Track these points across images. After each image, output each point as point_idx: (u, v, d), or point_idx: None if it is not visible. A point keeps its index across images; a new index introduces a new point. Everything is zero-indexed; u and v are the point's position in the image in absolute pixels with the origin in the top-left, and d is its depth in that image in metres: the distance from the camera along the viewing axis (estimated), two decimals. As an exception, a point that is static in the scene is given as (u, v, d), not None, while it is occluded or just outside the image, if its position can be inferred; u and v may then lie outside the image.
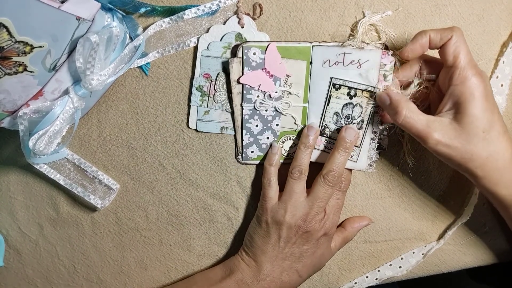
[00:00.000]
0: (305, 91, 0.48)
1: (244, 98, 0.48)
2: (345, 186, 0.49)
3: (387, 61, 0.46)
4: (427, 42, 0.42)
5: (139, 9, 0.46)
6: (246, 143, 0.50)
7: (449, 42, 0.41)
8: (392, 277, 0.54)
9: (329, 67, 0.47)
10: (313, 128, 0.48)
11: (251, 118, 0.49)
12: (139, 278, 0.55)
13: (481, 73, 0.42)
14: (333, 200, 0.48)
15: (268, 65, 0.47)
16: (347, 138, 0.47)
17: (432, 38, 0.42)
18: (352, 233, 0.52)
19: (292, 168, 0.48)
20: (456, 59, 0.41)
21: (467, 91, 0.41)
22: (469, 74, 0.41)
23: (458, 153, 0.41)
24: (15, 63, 0.38)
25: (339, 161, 0.46)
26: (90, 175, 0.52)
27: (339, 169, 0.46)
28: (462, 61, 0.41)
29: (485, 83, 0.41)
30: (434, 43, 0.42)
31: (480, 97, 0.40)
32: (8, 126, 0.43)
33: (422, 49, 0.43)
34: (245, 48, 0.46)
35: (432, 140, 0.41)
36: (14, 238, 0.54)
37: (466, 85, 0.41)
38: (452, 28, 0.42)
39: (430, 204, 0.52)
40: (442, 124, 0.42)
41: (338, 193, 0.49)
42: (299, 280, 0.50)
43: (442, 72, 0.44)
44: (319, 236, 0.48)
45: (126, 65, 0.46)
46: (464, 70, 0.41)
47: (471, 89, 0.40)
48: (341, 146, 0.47)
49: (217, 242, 0.54)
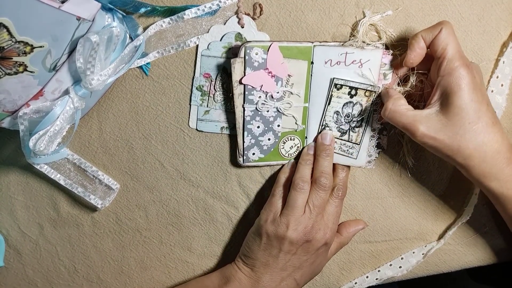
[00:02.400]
0: (306, 91, 0.48)
1: (246, 99, 0.47)
2: (343, 193, 0.49)
3: (387, 60, 0.47)
4: (423, 43, 0.43)
5: (139, 9, 0.46)
6: (247, 145, 0.49)
7: (439, 35, 0.42)
8: (392, 277, 0.54)
9: (330, 67, 0.47)
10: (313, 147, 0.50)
11: (252, 119, 0.48)
12: (139, 278, 0.55)
13: (469, 64, 0.42)
14: (331, 207, 0.48)
15: (270, 65, 0.46)
16: (325, 142, 0.48)
17: (424, 37, 0.43)
18: (348, 238, 0.52)
19: (295, 180, 0.48)
20: (444, 50, 0.41)
21: (453, 81, 0.41)
22: (456, 65, 0.41)
23: (445, 145, 0.41)
24: (15, 63, 0.38)
25: (324, 164, 0.48)
26: (90, 175, 0.52)
27: (327, 171, 0.48)
28: (449, 52, 0.41)
29: (472, 74, 0.41)
30: (428, 40, 0.43)
31: (466, 88, 0.40)
32: (8, 126, 0.43)
33: (422, 51, 0.43)
34: (247, 48, 0.45)
35: (418, 132, 0.42)
36: (14, 238, 0.54)
37: (453, 75, 0.41)
38: (441, 22, 0.42)
39: (430, 204, 0.53)
40: (428, 117, 0.42)
41: (336, 201, 0.48)
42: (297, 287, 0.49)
43: (433, 65, 0.44)
44: (319, 246, 0.48)
45: (126, 65, 0.46)
46: (451, 61, 0.41)
47: (458, 79, 0.40)
48: (322, 151, 0.48)
49: (217, 242, 0.54)
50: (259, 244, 0.48)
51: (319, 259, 0.49)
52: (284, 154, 0.50)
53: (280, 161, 0.51)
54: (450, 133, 0.41)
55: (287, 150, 0.50)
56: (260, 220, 0.49)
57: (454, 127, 0.41)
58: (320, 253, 0.49)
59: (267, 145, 0.50)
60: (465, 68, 0.41)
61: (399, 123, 0.43)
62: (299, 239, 0.46)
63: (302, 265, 0.48)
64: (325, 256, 0.50)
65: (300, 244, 0.47)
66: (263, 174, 0.52)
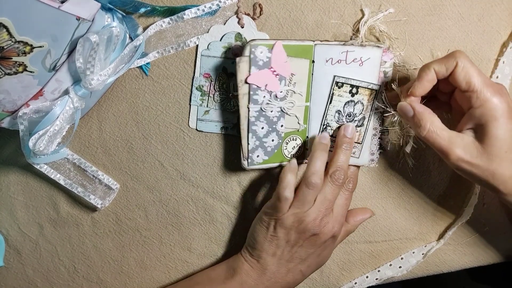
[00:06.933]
0: (308, 90, 0.48)
1: (251, 99, 0.46)
2: (353, 186, 0.48)
3: (387, 58, 0.47)
4: (433, 76, 0.42)
5: (139, 9, 0.46)
6: (252, 147, 0.48)
7: (456, 70, 0.41)
8: (392, 277, 0.54)
9: (331, 65, 0.47)
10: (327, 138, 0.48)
11: (257, 120, 0.47)
12: (139, 278, 0.55)
13: (500, 90, 0.40)
14: (341, 199, 0.48)
15: (275, 63, 0.46)
16: (347, 135, 0.47)
17: (437, 70, 0.41)
18: (355, 226, 0.51)
19: (308, 176, 0.45)
20: (470, 84, 0.40)
21: (488, 113, 0.40)
22: (488, 96, 0.40)
23: (480, 171, 0.41)
24: (15, 63, 0.38)
25: (342, 159, 0.46)
26: (90, 175, 0.52)
27: (344, 167, 0.46)
28: (476, 85, 0.40)
29: (506, 101, 0.40)
30: (441, 74, 0.42)
31: (502, 117, 0.40)
32: (8, 126, 0.43)
33: (431, 84, 0.42)
34: (252, 46, 0.45)
35: (454, 156, 0.41)
36: (14, 238, 0.54)
37: (487, 107, 0.40)
38: (454, 53, 0.41)
39: (430, 204, 0.53)
40: (464, 141, 0.41)
41: (346, 193, 0.48)
42: (302, 278, 0.49)
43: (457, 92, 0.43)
44: (327, 239, 0.47)
45: (126, 65, 0.46)
46: (481, 93, 0.40)
47: (492, 110, 0.40)
48: (342, 144, 0.47)
49: (217, 242, 0.54)
50: (265, 234, 0.47)
51: (326, 251, 0.49)
52: (287, 155, 0.50)
53: (283, 162, 0.50)
54: (486, 160, 0.40)
55: (290, 151, 0.50)
56: (267, 210, 0.48)
57: (490, 155, 0.40)
58: (327, 245, 0.48)
59: (271, 147, 0.49)
60: (497, 97, 0.40)
61: (435, 144, 0.42)
62: (307, 232, 0.46)
63: (308, 257, 0.48)
64: (332, 247, 0.50)
65: (307, 236, 0.46)
66: (263, 174, 0.52)
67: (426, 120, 0.42)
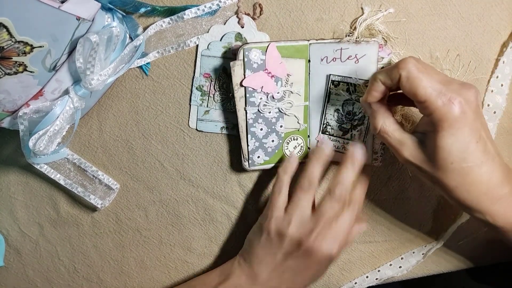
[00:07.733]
0: (305, 89, 0.48)
1: (248, 102, 0.47)
2: (359, 209, 0.46)
3: (384, 54, 0.46)
4: (381, 87, 0.41)
5: (139, 9, 0.46)
6: (252, 148, 0.49)
7: (401, 81, 0.38)
8: (392, 277, 0.54)
9: (327, 64, 0.47)
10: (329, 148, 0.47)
11: (255, 122, 0.48)
12: (139, 278, 0.55)
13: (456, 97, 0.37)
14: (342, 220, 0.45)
15: (269, 65, 0.46)
16: (356, 155, 0.45)
17: (383, 81, 0.40)
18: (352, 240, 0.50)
19: (301, 179, 0.46)
20: (416, 96, 0.38)
21: (436, 123, 0.38)
22: (437, 106, 0.37)
23: (428, 176, 0.40)
24: (15, 63, 0.38)
25: (345, 176, 0.45)
26: (90, 175, 0.52)
27: (344, 183, 0.44)
28: (422, 96, 0.38)
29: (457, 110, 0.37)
30: (388, 84, 0.40)
31: (449, 128, 0.37)
32: (8, 126, 0.43)
33: (381, 94, 0.41)
34: (245, 50, 0.45)
35: (401, 157, 0.41)
36: (14, 238, 0.54)
37: (435, 117, 0.38)
38: (399, 64, 0.39)
39: (430, 204, 0.52)
40: (413, 145, 0.41)
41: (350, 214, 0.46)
42: None
43: None
44: (322, 258, 0.45)
45: (126, 65, 0.46)
46: (430, 103, 0.37)
47: (440, 121, 0.37)
48: (348, 162, 0.45)
49: (217, 242, 0.54)
50: (259, 240, 0.47)
51: (322, 271, 0.47)
52: (287, 155, 0.50)
53: None
54: (432, 167, 0.40)
55: (291, 150, 0.50)
56: (262, 217, 0.48)
57: (436, 163, 0.39)
58: (323, 266, 0.46)
59: (271, 147, 0.49)
60: (449, 107, 0.37)
61: (386, 143, 0.42)
62: (300, 240, 0.45)
63: (302, 272, 0.46)
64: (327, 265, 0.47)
65: (301, 249, 0.45)
66: (263, 174, 0.52)
67: (379, 119, 0.42)
